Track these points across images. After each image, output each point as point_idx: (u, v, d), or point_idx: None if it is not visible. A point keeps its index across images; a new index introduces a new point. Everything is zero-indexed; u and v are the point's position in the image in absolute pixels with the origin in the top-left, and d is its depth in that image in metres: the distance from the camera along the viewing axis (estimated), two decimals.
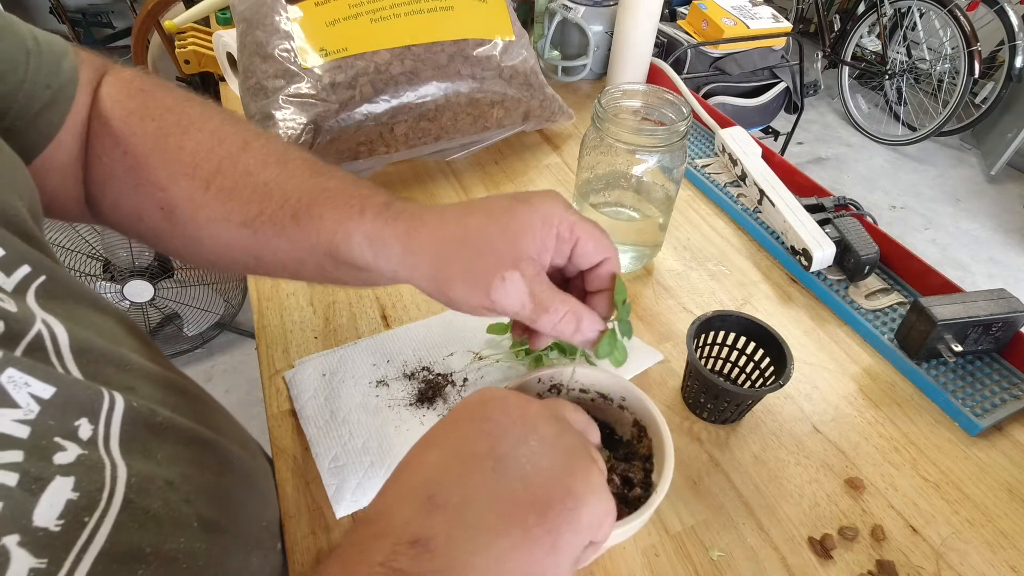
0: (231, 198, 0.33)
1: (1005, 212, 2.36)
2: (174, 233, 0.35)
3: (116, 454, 0.25)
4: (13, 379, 0.22)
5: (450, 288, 0.30)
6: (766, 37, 1.67)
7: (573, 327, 0.30)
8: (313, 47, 0.60)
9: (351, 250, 0.32)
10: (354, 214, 0.32)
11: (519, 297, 0.29)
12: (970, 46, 2.28)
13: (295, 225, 0.32)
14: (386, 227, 0.31)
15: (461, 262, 0.30)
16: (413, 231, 0.31)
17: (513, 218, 0.30)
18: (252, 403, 1.54)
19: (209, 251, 0.35)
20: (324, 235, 0.32)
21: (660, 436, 0.35)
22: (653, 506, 0.31)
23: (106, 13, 2.92)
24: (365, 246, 0.31)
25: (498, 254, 0.29)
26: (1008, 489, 0.44)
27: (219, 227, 0.34)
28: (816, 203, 0.64)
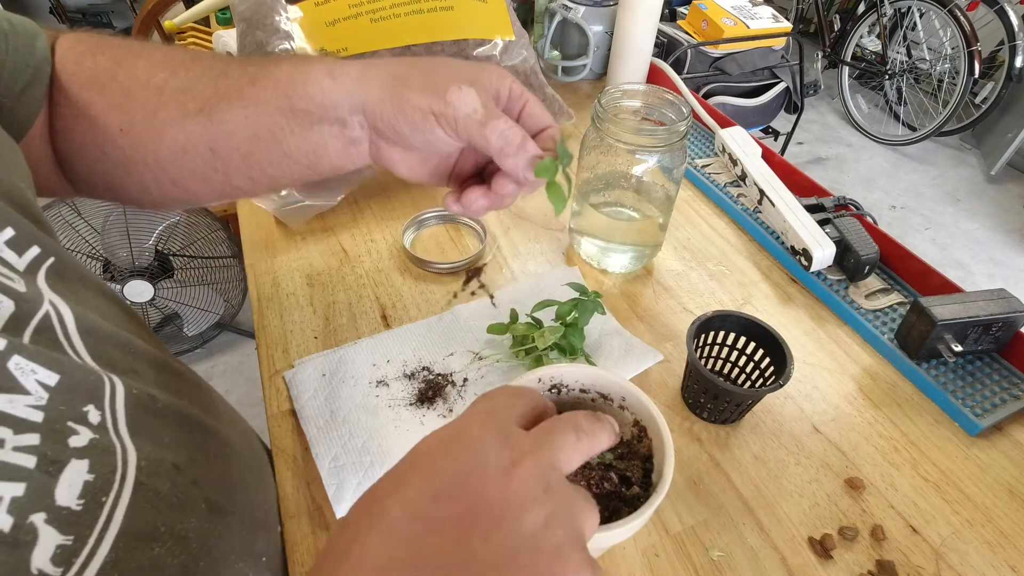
0: (187, 93, 0.34)
1: (1005, 212, 2.36)
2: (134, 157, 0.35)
3: (126, 438, 0.26)
4: (20, 366, 0.22)
5: (406, 90, 0.32)
6: (766, 37, 1.67)
7: (519, 140, 0.32)
8: (313, 47, 0.60)
9: (308, 83, 0.33)
10: (312, 60, 0.35)
11: (473, 103, 0.31)
12: (970, 46, 2.28)
13: (252, 87, 0.34)
14: (344, 63, 0.34)
15: (420, 72, 0.33)
16: (371, 62, 0.34)
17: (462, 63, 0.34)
18: (252, 403, 1.54)
19: (168, 167, 0.35)
20: (282, 79, 0.33)
21: (660, 436, 0.35)
22: (653, 506, 0.31)
23: (106, 13, 2.92)
24: (323, 74, 0.33)
25: (457, 72, 0.32)
26: (1008, 489, 0.44)
27: (176, 126, 0.34)
28: (816, 203, 0.64)
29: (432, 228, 0.65)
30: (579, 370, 0.38)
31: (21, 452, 0.21)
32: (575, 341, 0.49)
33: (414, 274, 0.59)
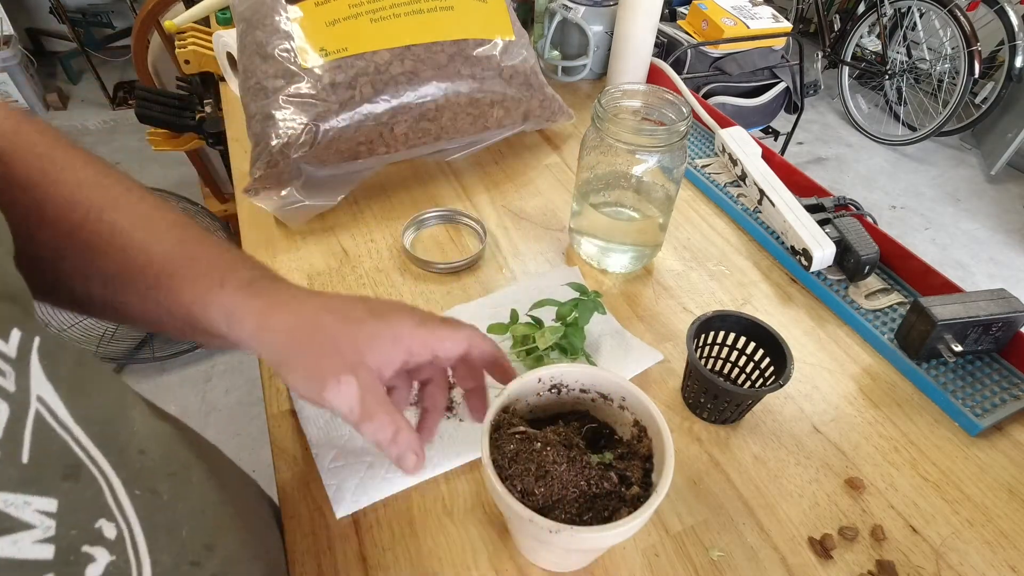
0: (94, 254, 0.32)
1: (1005, 212, 2.36)
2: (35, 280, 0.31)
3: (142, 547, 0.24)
4: (11, 502, 0.20)
5: (290, 375, 0.32)
6: (766, 37, 1.67)
7: (390, 435, 0.32)
8: (313, 47, 0.60)
9: (208, 320, 0.32)
10: (214, 286, 0.32)
11: (348, 401, 0.31)
12: (970, 46, 2.28)
13: (155, 289, 0.32)
14: (244, 302, 0.32)
15: (305, 355, 0.32)
16: (269, 311, 0.32)
17: (362, 329, 0.32)
18: (252, 403, 1.54)
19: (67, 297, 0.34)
20: (182, 304, 0.32)
21: (660, 436, 0.35)
22: (653, 506, 0.31)
23: (106, 13, 2.92)
24: (221, 318, 0.32)
25: (341, 356, 0.31)
26: (1008, 489, 0.44)
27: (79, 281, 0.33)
28: (816, 203, 0.64)
29: (432, 228, 0.65)
30: (579, 370, 0.38)
31: None
32: (576, 341, 0.49)
33: (414, 274, 0.59)
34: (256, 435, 1.46)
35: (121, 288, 0.33)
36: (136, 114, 1.19)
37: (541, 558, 0.34)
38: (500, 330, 0.50)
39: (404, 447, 0.32)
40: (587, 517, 0.33)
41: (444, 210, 0.66)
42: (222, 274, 0.33)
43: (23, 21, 2.89)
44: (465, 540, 0.40)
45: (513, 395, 0.37)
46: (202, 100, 1.21)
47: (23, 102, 2.59)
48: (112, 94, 2.78)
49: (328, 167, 0.63)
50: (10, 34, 2.54)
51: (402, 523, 0.41)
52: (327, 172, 0.64)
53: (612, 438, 0.39)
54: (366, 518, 0.41)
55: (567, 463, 0.34)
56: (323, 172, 0.63)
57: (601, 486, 0.34)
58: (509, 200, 0.70)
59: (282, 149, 0.58)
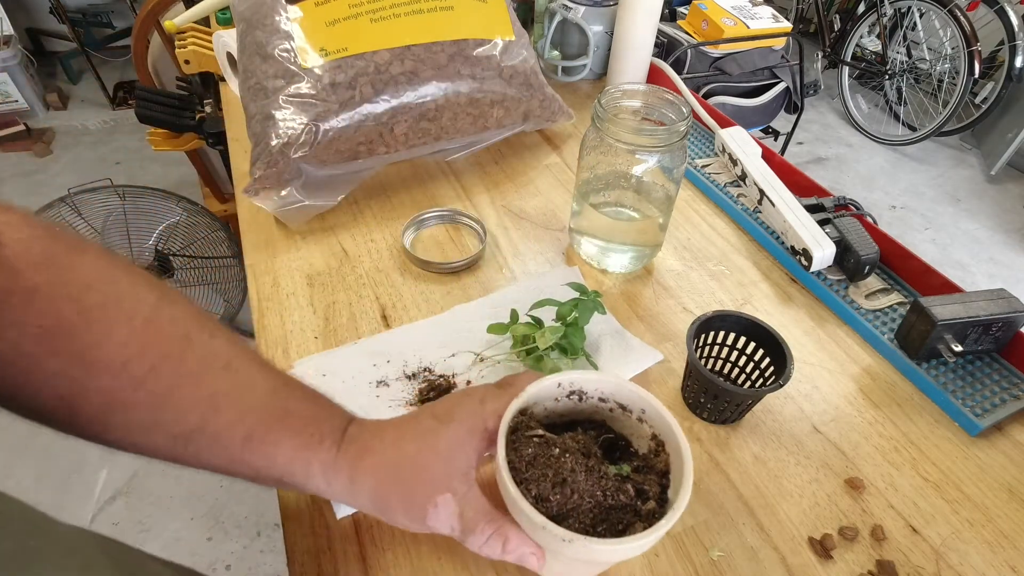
0: (166, 405, 0.28)
1: (1005, 212, 2.36)
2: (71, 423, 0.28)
3: None
4: None
5: (393, 517, 0.32)
6: (766, 37, 1.67)
7: (499, 548, 0.31)
8: (313, 47, 0.60)
9: (305, 479, 0.32)
10: (314, 443, 0.31)
11: (448, 521, 0.31)
12: (970, 46, 2.28)
13: (245, 447, 0.30)
14: (340, 456, 0.32)
15: (398, 493, 0.32)
16: (357, 461, 0.32)
17: (439, 440, 0.32)
18: None
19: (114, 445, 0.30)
20: (279, 463, 0.31)
21: (679, 452, 0.33)
22: (669, 523, 0.30)
23: (106, 13, 2.92)
24: (319, 476, 0.32)
25: (432, 478, 0.32)
26: (1008, 489, 0.44)
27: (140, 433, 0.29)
28: (816, 203, 0.64)
29: (432, 228, 0.65)
30: (600, 379, 0.37)
31: None
32: (576, 341, 0.49)
33: (414, 274, 0.59)
34: None
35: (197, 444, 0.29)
36: (136, 114, 1.19)
37: (546, 566, 0.33)
38: (500, 330, 0.50)
39: (517, 552, 0.32)
40: (601, 529, 0.32)
41: (444, 210, 0.66)
42: (319, 429, 0.32)
43: (23, 21, 2.89)
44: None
45: (531, 398, 0.35)
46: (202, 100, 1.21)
47: (23, 102, 2.59)
48: (112, 94, 2.78)
49: (328, 167, 0.63)
50: (10, 34, 2.54)
51: None
52: (327, 172, 0.64)
53: (628, 450, 0.38)
54: (366, 518, 0.41)
55: (585, 472, 0.33)
56: (323, 172, 0.63)
57: (617, 498, 0.33)
58: (509, 200, 0.70)
59: (282, 149, 0.58)
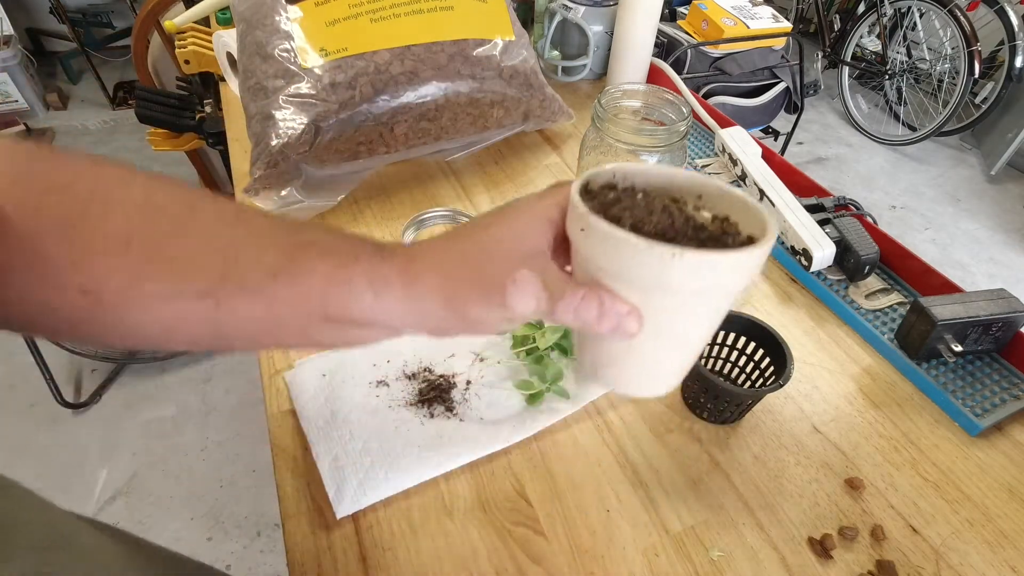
0: (184, 267, 0.28)
1: (1005, 212, 2.36)
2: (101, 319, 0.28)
3: None
4: None
5: (464, 309, 0.28)
6: (766, 37, 1.67)
7: (595, 309, 0.27)
8: (313, 47, 0.60)
9: (349, 299, 0.28)
10: (349, 262, 0.29)
11: (533, 292, 0.27)
12: (970, 46, 2.28)
13: (274, 284, 0.28)
14: (386, 266, 0.29)
15: (470, 278, 0.28)
16: (408, 266, 0.29)
17: (503, 226, 0.29)
18: (252, 403, 1.54)
19: (151, 334, 0.29)
20: (316, 288, 0.28)
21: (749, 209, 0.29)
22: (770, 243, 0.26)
23: (106, 13, 2.92)
24: (366, 292, 0.28)
25: (506, 255, 0.28)
26: (1008, 489, 0.44)
27: (166, 304, 0.28)
28: (816, 203, 0.64)
29: (432, 228, 0.65)
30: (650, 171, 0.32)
31: None
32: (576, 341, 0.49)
33: None
34: (256, 435, 1.46)
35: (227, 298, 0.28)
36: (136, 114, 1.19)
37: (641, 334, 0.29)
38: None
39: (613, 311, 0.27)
40: None
41: (444, 210, 0.66)
42: (352, 249, 0.29)
43: (23, 21, 2.89)
44: (465, 540, 0.40)
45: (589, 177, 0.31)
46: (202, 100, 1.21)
47: (23, 102, 2.59)
48: (112, 94, 2.78)
49: (328, 167, 0.63)
50: (10, 34, 2.54)
51: (402, 523, 0.41)
52: (327, 172, 0.64)
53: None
54: (366, 518, 0.41)
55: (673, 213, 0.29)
56: (323, 172, 0.63)
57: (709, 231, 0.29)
58: (509, 200, 0.70)
59: (282, 149, 0.58)
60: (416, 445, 0.44)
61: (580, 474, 0.44)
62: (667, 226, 0.28)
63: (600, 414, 0.48)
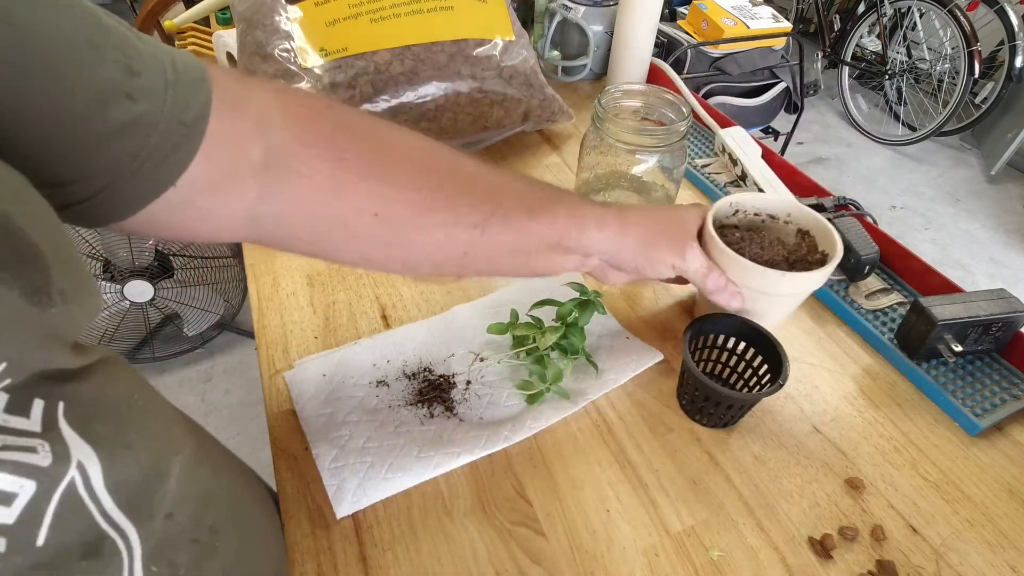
0: (464, 203, 0.36)
1: (1005, 212, 2.36)
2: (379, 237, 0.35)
3: None
4: None
5: (657, 248, 0.44)
6: (766, 37, 1.67)
7: (723, 285, 0.46)
8: (313, 47, 0.60)
9: (581, 232, 0.40)
10: (580, 205, 0.41)
11: (701, 260, 0.45)
12: (970, 46, 2.28)
13: (530, 218, 0.38)
14: (606, 213, 0.42)
15: (666, 235, 0.45)
16: (625, 216, 0.43)
17: (686, 214, 0.47)
18: (252, 403, 1.54)
19: (414, 255, 0.37)
20: (559, 223, 0.40)
21: (821, 228, 0.49)
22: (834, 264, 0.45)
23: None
24: (593, 226, 0.41)
25: (686, 232, 0.46)
26: (1008, 489, 0.44)
27: (444, 230, 0.36)
28: (816, 203, 0.64)
29: None
30: (755, 198, 0.52)
31: None
32: (576, 341, 0.49)
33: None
34: (256, 435, 1.46)
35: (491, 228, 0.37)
36: None
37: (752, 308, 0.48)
38: (500, 330, 0.50)
39: (733, 289, 0.46)
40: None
41: None
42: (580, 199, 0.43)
43: None
44: (465, 540, 0.40)
45: (716, 211, 0.49)
46: None
47: None
48: None
49: None
50: None
51: (402, 523, 0.41)
52: None
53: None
54: (366, 518, 0.41)
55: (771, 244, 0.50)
56: None
57: (797, 255, 0.50)
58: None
59: None
60: (416, 445, 0.44)
61: (580, 474, 0.44)
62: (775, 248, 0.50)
63: (600, 414, 0.48)
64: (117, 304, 1.38)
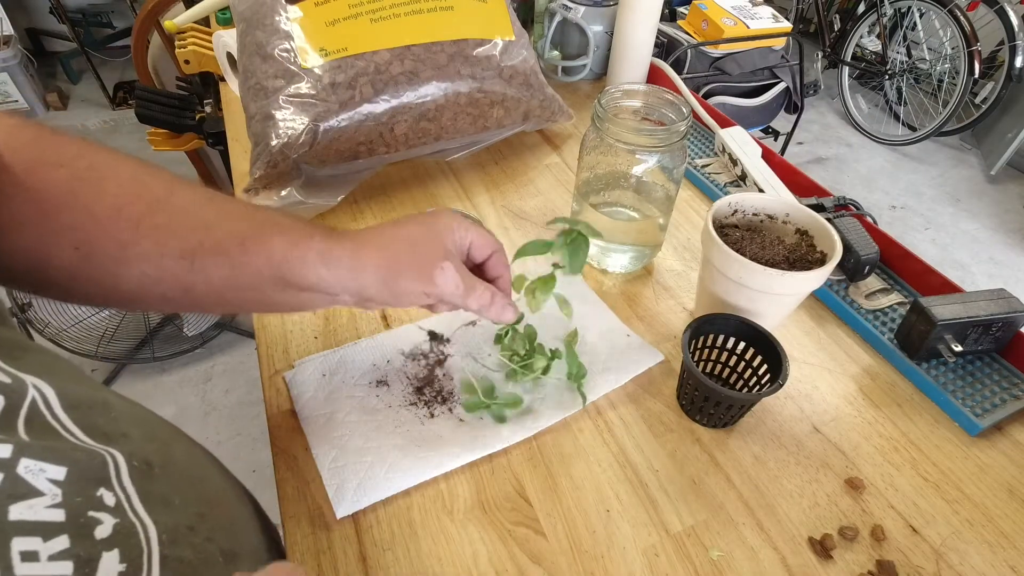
0: (167, 233, 0.33)
1: (1005, 212, 2.36)
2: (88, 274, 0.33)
3: (141, 512, 0.26)
4: (29, 468, 0.22)
5: (400, 279, 0.37)
6: (766, 37, 1.67)
7: (489, 300, 0.39)
8: (313, 47, 0.60)
9: (304, 267, 0.35)
10: (304, 237, 0.36)
11: (454, 280, 0.38)
12: (970, 46, 2.28)
13: (242, 251, 0.34)
14: (336, 245, 0.36)
15: (407, 259, 0.37)
16: (358, 249, 0.37)
17: (434, 227, 0.39)
18: (252, 403, 1.54)
19: (129, 289, 0.34)
20: (276, 257, 0.35)
21: (820, 228, 0.49)
22: (832, 264, 0.46)
23: (106, 13, 2.92)
24: (318, 262, 0.35)
25: (434, 251, 0.38)
26: (1008, 489, 0.44)
27: (150, 263, 0.33)
28: (816, 203, 0.64)
29: None
30: (755, 197, 0.53)
31: (57, 560, 0.21)
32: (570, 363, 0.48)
33: None
34: (256, 435, 1.46)
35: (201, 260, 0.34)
36: (136, 114, 1.19)
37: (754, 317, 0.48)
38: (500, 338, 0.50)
39: (501, 303, 0.40)
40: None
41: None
42: (308, 229, 0.37)
43: (23, 21, 2.89)
44: (465, 540, 0.40)
45: (715, 212, 0.50)
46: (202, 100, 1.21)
47: (23, 102, 2.59)
48: (112, 94, 2.78)
49: (328, 167, 0.63)
50: (10, 34, 2.54)
51: (402, 523, 0.41)
52: (327, 172, 0.64)
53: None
54: (366, 518, 0.41)
55: (772, 244, 0.50)
56: (323, 172, 0.63)
57: (796, 255, 0.49)
58: (509, 200, 0.70)
59: (282, 149, 0.58)
60: (416, 445, 0.44)
61: (580, 474, 0.44)
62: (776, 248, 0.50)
63: (600, 414, 0.48)
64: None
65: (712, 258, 0.48)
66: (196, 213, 0.34)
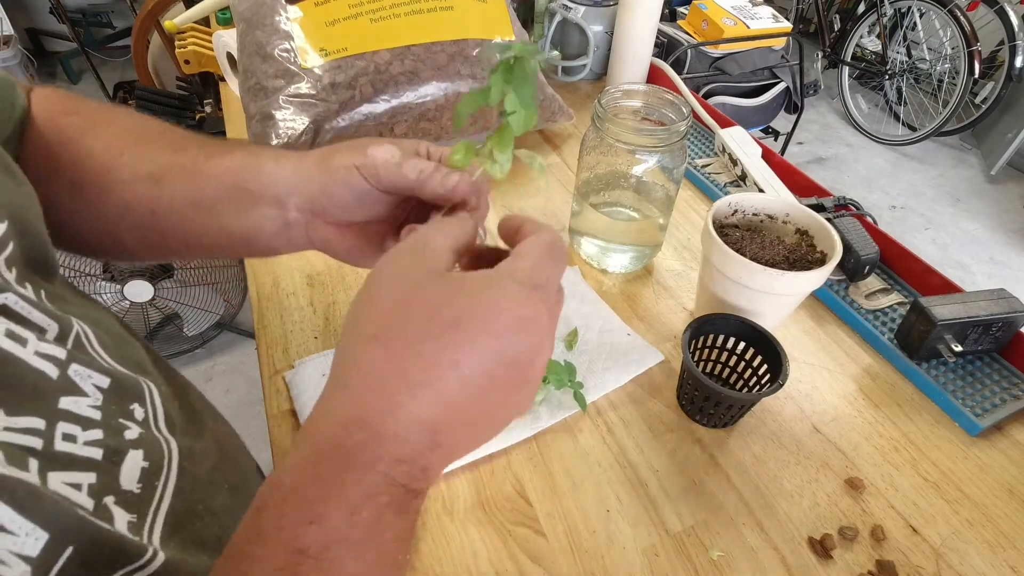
0: (144, 156, 0.36)
1: (1005, 212, 2.36)
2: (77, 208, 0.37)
3: (164, 432, 0.30)
4: (79, 372, 0.27)
5: (333, 155, 0.36)
6: (766, 37, 1.67)
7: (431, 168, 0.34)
8: (313, 47, 0.60)
9: (259, 168, 0.36)
10: (262, 149, 0.38)
11: (390, 151, 0.35)
12: (970, 46, 2.28)
13: (207, 160, 0.37)
14: (290, 152, 0.38)
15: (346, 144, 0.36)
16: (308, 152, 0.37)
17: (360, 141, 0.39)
18: (252, 403, 1.54)
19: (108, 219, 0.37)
20: (235, 164, 0.37)
21: (820, 228, 0.49)
22: (833, 263, 0.46)
23: (106, 13, 2.92)
24: (270, 160, 0.37)
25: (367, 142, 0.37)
26: (1008, 489, 0.44)
27: (126, 188, 0.36)
28: (816, 203, 0.64)
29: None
30: (754, 197, 0.53)
31: (90, 446, 0.26)
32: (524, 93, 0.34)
33: None
34: (256, 435, 1.46)
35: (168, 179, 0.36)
36: None
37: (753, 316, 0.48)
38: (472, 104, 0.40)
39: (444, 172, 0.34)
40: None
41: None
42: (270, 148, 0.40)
43: (23, 21, 2.89)
44: (465, 540, 0.40)
45: (715, 212, 0.50)
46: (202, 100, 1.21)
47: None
48: (112, 94, 2.77)
49: None
50: (10, 34, 2.54)
51: None
52: None
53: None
54: None
55: (772, 243, 0.50)
56: None
57: (797, 255, 0.49)
58: (509, 200, 0.70)
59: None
60: None
61: (580, 474, 0.44)
62: (777, 248, 0.50)
63: (600, 414, 0.48)
64: (117, 304, 1.38)
65: (712, 258, 0.48)
66: (177, 140, 0.38)
